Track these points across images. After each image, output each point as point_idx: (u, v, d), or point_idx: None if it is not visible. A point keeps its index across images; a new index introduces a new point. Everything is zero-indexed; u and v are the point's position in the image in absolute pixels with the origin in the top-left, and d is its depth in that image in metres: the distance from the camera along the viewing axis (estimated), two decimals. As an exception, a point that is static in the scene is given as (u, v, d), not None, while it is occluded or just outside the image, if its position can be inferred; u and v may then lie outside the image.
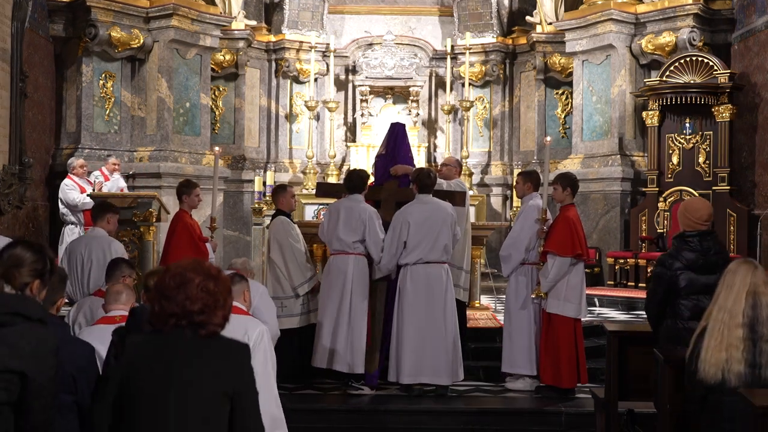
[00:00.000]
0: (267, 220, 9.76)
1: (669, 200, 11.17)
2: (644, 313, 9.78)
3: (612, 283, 11.34)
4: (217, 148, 7.86)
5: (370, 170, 9.03)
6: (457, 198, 6.72)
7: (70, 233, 9.45)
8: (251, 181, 12.35)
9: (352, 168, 7.84)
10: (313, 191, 12.19)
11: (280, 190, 7.03)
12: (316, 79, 13.41)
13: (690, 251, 4.29)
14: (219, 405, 2.52)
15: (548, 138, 7.42)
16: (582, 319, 6.52)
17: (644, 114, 11.46)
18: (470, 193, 10.47)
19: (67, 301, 4.41)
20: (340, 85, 13.94)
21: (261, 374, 4.21)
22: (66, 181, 9.75)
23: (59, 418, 3.55)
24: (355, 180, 6.55)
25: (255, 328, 4.27)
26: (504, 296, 7.04)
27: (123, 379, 2.56)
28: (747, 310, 3.45)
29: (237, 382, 2.56)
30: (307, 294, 6.76)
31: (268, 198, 10.75)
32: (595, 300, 10.29)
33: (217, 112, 13.00)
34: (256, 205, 10.78)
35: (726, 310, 3.48)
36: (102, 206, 6.57)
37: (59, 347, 3.48)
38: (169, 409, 2.47)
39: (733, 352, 3.42)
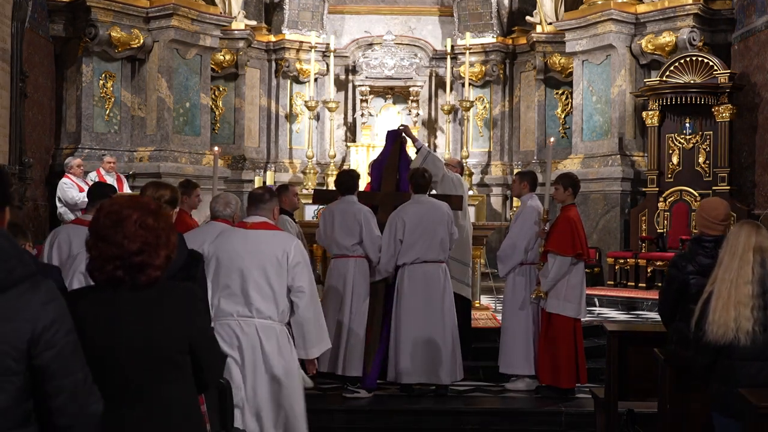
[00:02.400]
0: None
1: (669, 200, 11.18)
2: (644, 313, 9.85)
3: (612, 283, 11.34)
4: (216, 148, 7.86)
5: (367, 171, 9.03)
6: (453, 201, 6.70)
7: None
8: (251, 181, 12.36)
9: (341, 170, 7.83)
10: (313, 191, 12.20)
11: (282, 189, 7.03)
12: (316, 79, 13.42)
13: (705, 257, 4.10)
14: (177, 356, 2.39)
15: (552, 139, 7.42)
16: (582, 319, 6.51)
17: (644, 114, 11.46)
18: (470, 192, 10.46)
19: None
20: (340, 85, 13.94)
21: (308, 293, 4.19)
22: (64, 179, 9.76)
23: None
24: (346, 181, 6.51)
25: (291, 243, 4.21)
26: (503, 296, 7.03)
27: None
28: (756, 267, 3.41)
29: (190, 329, 2.42)
30: None
31: (268, 198, 10.74)
32: (595, 300, 10.29)
33: (217, 112, 13.00)
34: (256, 205, 10.77)
35: (733, 270, 3.42)
36: (95, 192, 5.18)
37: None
38: (127, 372, 2.33)
39: (742, 310, 3.36)
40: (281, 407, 4.18)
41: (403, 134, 7.06)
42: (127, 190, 10.04)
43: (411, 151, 7.30)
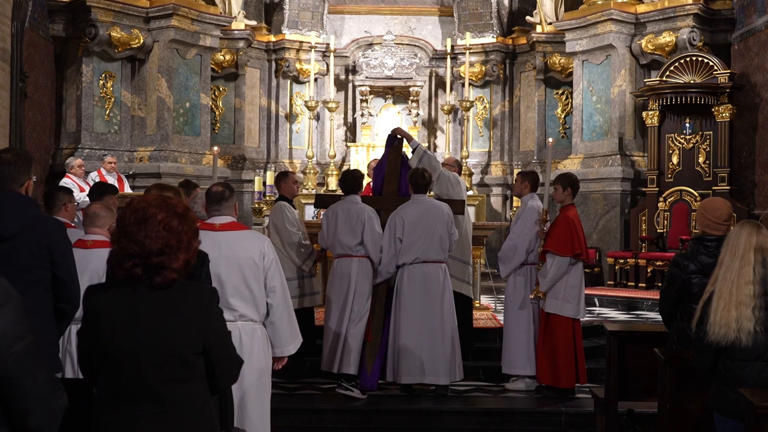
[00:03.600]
0: (267, 220, 9.78)
1: (669, 200, 11.18)
2: (644, 313, 9.84)
3: (612, 283, 11.34)
4: (215, 148, 7.85)
5: (366, 171, 9.03)
6: (456, 205, 6.69)
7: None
8: (251, 181, 12.35)
9: (345, 169, 7.85)
10: (314, 191, 12.21)
11: (282, 176, 7.10)
12: (316, 79, 13.42)
13: (707, 256, 4.09)
14: (191, 357, 2.39)
15: (551, 139, 7.41)
16: (581, 319, 6.51)
17: (644, 114, 11.46)
18: (469, 192, 10.43)
19: None
20: (340, 85, 13.94)
21: (281, 291, 4.16)
22: (64, 180, 9.76)
23: (31, 294, 3.58)
24: (350, 181, 6.51)
25: (264, 242, 4.17)
26: (504, 296, 7.03)
27: (92, 345, 2.40)
28: (757, 267, 3.40)
29: (206, 330, 2.42)
30: (302, 278, 6.78)
31: (268, 198, 10.75)
32: (595, 300, 10.29)
33: (217, 112, 13.01)
34: (256, 205, 10.78)
35: (734, 270, 3.41)
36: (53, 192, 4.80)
37: (30, 222, 3.51)
38: (141, 369, 2.34)
39: (744, 310, 3.35)
40: (255, 407, 4.15)
41: (398, 136, 7.01)
42: (128, 190, 10.05)
43: (407, 151, 7.29)
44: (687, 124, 11.24)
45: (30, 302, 3.54)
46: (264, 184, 11.20)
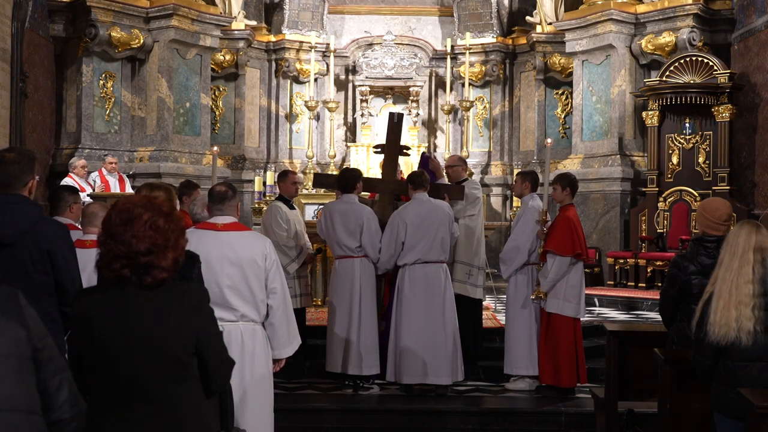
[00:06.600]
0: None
1: (669, 200, 11.18)
2: (644, 313, 9.83)
3: (612, 283, 11.34)
4: (215, 148, 7.86)
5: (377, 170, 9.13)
6: (453, 192, 6.73)
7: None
8: (251, 181, 12.35)
9: (344, 167, 7.91)
10: (314, 192, 12.21)
11: (281, 176, 7.14)
12: (316, 79, 13.42)
13: (707, 257, 4.08)
14: (184, 357, 2.39)
15: (549, 140, 7.40)
16: (582, 319, 6.52)
17: (644, 114, 11.47)
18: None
19: None
20: (340, 85, 13.94)
21: (281, 293, 4.15)
22: (66, 179, 9.76)
23: (34, 299, 3.55)
24: (348, 179, 6.54)
25: (266, 243, 4.17)
26: (504, 296, 7.04)
27: (81, 348, 2.40)
28: (757, 267, 3.41)
29: (197, 329, 2.42)
30: (294, 279, 6.78)
31: (268, 198, 10.76)
32: (595, 300, 10.29)
33: (217, 112, 13.01)
34: (256, 205, 10.78)
35: (733, 269, 3.42)
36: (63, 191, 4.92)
37: (31, 227, 3.52)
38: (135, 371, 2.33)
39: (743, 309, 3.36)
40: (256, 407, 4.15)
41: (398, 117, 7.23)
42: (129, 190, 10.05)
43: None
44: (687, 124, 11.24)
45: (33, 307, 3.53)
46: (264, 184, 11.21)
